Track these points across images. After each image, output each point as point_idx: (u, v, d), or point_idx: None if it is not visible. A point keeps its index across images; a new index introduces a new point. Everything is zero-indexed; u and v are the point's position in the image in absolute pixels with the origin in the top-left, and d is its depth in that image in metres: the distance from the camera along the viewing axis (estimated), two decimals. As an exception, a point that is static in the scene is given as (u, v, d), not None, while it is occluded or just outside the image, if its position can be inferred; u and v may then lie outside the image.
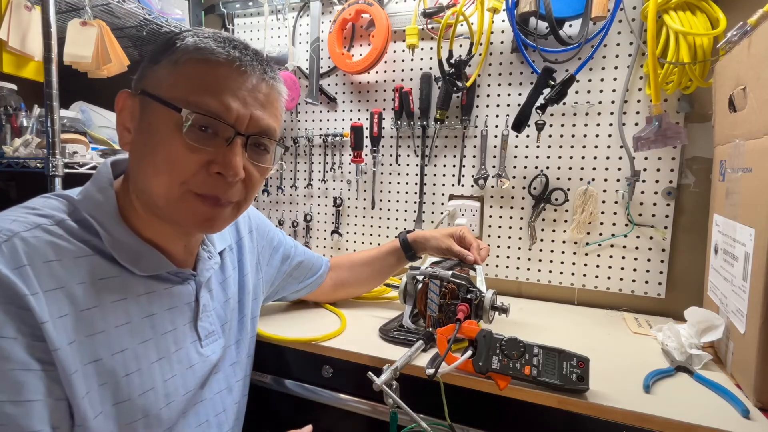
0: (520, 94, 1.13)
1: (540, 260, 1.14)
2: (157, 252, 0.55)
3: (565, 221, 1.11)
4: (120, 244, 0.52)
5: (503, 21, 1.11)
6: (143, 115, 0.52)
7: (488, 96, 1.16)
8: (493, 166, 1.16)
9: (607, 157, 1.06)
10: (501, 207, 1.17)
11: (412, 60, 1.24)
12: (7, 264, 0.43)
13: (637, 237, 1.04)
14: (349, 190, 1.35)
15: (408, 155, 1.26)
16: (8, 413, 0.41)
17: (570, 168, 1.09)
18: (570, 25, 1.04)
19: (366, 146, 1.29)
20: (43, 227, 0.48)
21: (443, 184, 1.23)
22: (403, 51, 1.24)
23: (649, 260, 1.04)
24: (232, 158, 0.51)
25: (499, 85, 1.15)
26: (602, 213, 1.07)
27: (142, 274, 0.54)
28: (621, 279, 1.07)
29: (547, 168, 1.11)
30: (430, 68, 1.21)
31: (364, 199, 1.33)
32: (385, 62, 1.26)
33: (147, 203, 0.54)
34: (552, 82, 0.99)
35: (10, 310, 0.42)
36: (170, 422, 0.55)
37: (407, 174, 1.27)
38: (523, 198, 1.14)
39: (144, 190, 0.53)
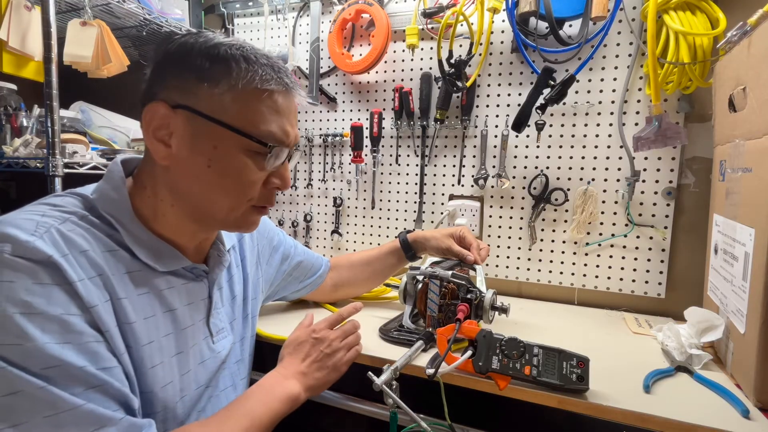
0: (520, 94, 1.13)
1: (540, 260, 1.14)
2: (174, 249, 0.57)
3: (565, 221, 1.11)
4: (139, 241, 0.53)
5: (503, 21, 1.11)
6: (199, 135, 0.53)
7: (488, 96, 1.16)
8: (493, 166, 1.16)
9: (607, 157, 1.06)
10: (501, 207, 1.17)
11: (412, 60, 1.24)
12: (55, 251, 0.45)
13: (637, 237, 1.04)
14: (349, 190, 1.35)
15: (408, 155, 1.26)
16: (104, 378, 0.45)
17: (570, 168, 1.09)
18: (570, 25, 1.04)
19: (366, 146, 1.29)
20: (72, 221, 0.49)
21: (443, 184, 1.23)
22: (403, 51, 1.24)
23: (649, 260, 1.04)
24: (286, 173, 0.59)
25: (499, 85, 1.15)
26: (602, 213, 1.07)
27: (162, 270, 0.55)
28: (621, 279, 1.07)
29: (547, 168, 1.11)
30: (430, 68, 1.21)
31: (364, 199, 1.33)
32: (385, 62, 1.26)
33: (197, 215, 0.56)
34: (552, 82, 0.99)
35: (70, 290, 0.45)
36: (183, 416, 0.57)
37: (407, 174, 1.27)
38: (523, 198, 1.14)
39: (201, 207, 0.55)
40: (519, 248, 1.16)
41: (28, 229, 0.45)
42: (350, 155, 1.30)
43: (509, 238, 1.17)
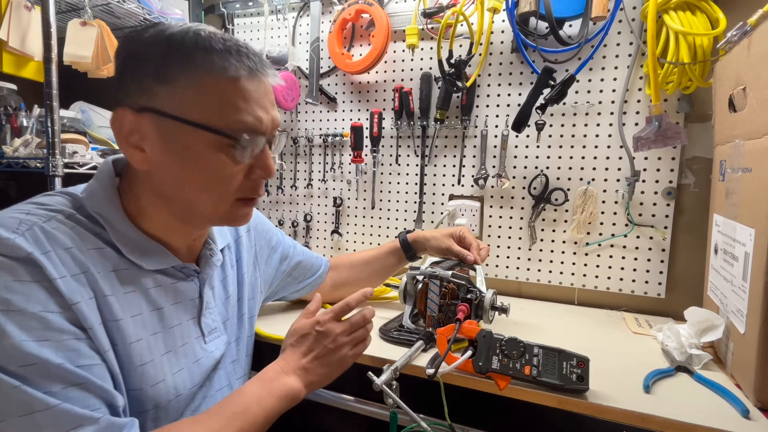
0: (520, 94, 1.13)
1: (540, 260, 1.14)
2: (162, 247, 0.57)
3: (565, 221, 1.11)
4: (127, 240, 0.53)
5: (503, 21, 1.11)
6: (169, 137, 0.51)
7: (488, 96, 1.16)
8: (493, 166, 1.16)
9: (607, 157, 1.06)
10: (501, 207, 1.17)
11: (412, 60, 1.24)
12: (35, 248, 0.45)
13: (637, 237, 1.04)
14: (349, 190, 1.35)
15: (408, 155, 1.26)
16: (84, 376, 0.45)
17: (570, 168, 1.09)
18: (570, 25, 1.04)
19: (366, 146, 1.29)
20: (57, 219, 0.49)
21: (443, 184, 1.23)
22: (403, 51, 1.24)
23: (649, 260, 1.04)
24: (269, 162, 0.56)
25: (499, 85, 1.15)
26: (602, 213, 1.07)
27: (149, 269, 0.55)
28: (621, 279, 1.07)
29: (547, 168, 1.11)
30: (430, 68, 1.21)
31: (364, 199, 1.33)
32: (385, 62, 1.26)
33: (184, 215, 0.56)
34: (552, 82, 0.99)
35: (50, 287, 0.45)
36: (176, 415, 0.57)
37: (407, 174, 1.27)
38: (523, 198, 1.14)
39: (186, 206, 0.55)
40: (519, 248, 1.16)
41: (10, 227, 0.45)
42: (350, 155, 1.30)
43: (509, 238, 1.17)
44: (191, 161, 0.52)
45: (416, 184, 1.25)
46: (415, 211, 1.26)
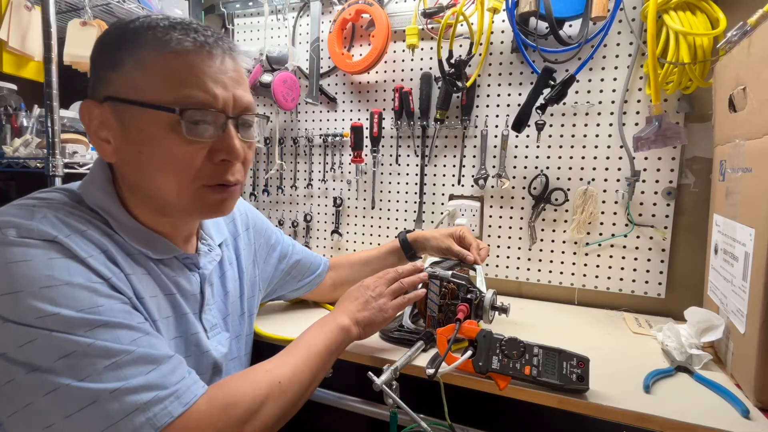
0: (520, 94, 1.13)
1: (540, 260, 1.14)
2: (163, 238, 0.57)
3: (565, 221, 1.11)
4: (129, 230, 0.54)
5: (503, 21, 1.11)
6: (125, 123, 0.51)
7: (488, 96, 1.16)
8: (493, 166, 1.16)
9: (607, 157, 1.06)
10: (501, 207, 1.17)
11: (412, 60, 1.24)
12: (58, 232, 0.46)
13: (637, 237, 1.04)
14: (349, 190, 1.35)
15: (408, 155, 1.26)
16: (145, 327, 0.48)
17: (570, 168, 1.09)
18: (570, 25, 1.04)
19: (366, 146, 1.29)
20: (64, 210, 0.50)
21: (443, 184, 1.23)
22: (403, 51, 1.24)
23: (649, 260, 1.04)
24: (232, 142, 0.53)
25: (499, 85, 1.15)
26: (602, 213, 1.07)
27: (156, 257, 0.56)
28: (621, 279, 1.07)
29: (547, 168, 1.11)
30: (430, 68, 1.21)
31: (364, 199, 1.33)
32: (385, 62, 1.26)
33: (157, 205, 0.55)
34: (552, 82, 0.99)
35: (84, 263, 0.46)
36: None
37: (407, 174, 1.27)
38: (523, 198, 1.14)
39: (153, 195, 0.54)
40: (519, 248, 1.16)
41: (24, 216, 0.46)
42: (350, 155, 1.30)
43: (509, 238, 1.17)
44: (146, 145, 0.51)
45: (416, 184, 1.25)
46: (415, 211, 1.26)
